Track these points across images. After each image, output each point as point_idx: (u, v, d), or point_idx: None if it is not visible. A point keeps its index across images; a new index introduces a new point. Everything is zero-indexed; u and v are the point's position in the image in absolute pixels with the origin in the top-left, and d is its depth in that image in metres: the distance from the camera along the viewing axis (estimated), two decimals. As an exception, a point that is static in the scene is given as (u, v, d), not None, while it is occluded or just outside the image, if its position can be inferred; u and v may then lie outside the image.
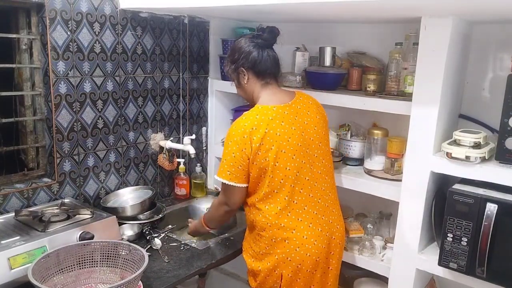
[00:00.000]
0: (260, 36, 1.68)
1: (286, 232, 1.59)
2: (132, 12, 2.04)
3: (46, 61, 1.79)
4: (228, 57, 1.75)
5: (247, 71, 1.68)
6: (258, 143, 1.56)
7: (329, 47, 2.03)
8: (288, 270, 1.60)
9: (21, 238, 1.52)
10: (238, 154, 1.57)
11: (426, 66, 1.59)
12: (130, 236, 1.88)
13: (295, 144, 1.60)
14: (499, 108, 1.50)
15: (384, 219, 2.03)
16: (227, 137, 1.62)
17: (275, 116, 1.60)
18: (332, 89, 2.03)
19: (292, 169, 1.59)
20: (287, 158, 1.58)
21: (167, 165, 2.29)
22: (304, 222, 1.61)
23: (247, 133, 1.56)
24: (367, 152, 1.98)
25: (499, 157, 1.51)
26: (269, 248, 1.61)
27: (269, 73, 1.69)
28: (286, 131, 1.60)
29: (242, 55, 1.66)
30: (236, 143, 1.58)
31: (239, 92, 1.79)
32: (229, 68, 1.74)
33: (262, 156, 1.57)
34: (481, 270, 1.48)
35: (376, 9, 1.56)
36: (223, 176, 1.61)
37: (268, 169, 1.57)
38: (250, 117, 1.60)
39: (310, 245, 1.60)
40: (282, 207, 1.59)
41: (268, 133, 1.56)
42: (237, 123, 1.61)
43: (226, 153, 1.61)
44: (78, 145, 1.95)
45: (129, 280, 1.33)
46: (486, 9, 1.44)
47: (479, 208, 1.46)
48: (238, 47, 1.69)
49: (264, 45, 1.67)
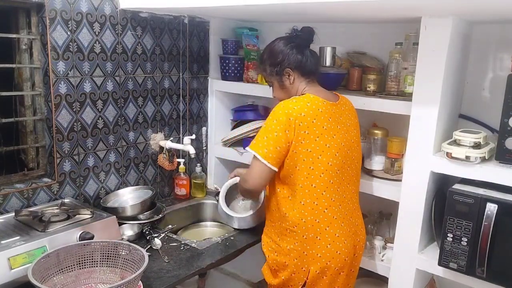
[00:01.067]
0: (298, 37, 1.69)
1: (320, 228, 1.59)
2: (132, 12, 2.04)
3: (46, 61, 1.79)
4: (266, 61, 1.72)
5: (293, 72, 1.67)
6: (303, 131, 1.53)
7: (329, 47, 2.03)
8: (317, 267, 1.59)
9: (21, 238, 1.52)
10: (281, 135, 1.53)
11: (426, 66, 1.59)
12: (130, 236, 1.88)
13: (339, 143, 1.61)
14: (499, 108, 1.50)
15: (384, 219, 2.03)
16: (272, 115, 1.57)
17: (324, 109, 1.59)
18: (332, 89, 2.02)
19: (334, 166, 1.59)
20: (330, 154, 1.58)
21: (167, 165, 2.29)
22: (338, 220, 1.62)
23: (293, 116, 1.53)
24: (367, 152, 1.98)
25: (499, 157, 1.51)
26: (298, 244, 1.60)
27: (313, 71, 1.70)
28: (332, 127, 1.60)
29: (287, 56, 1.65)
30: (281, 123, 1.53)
31: (279, 95, 1.74)
32: (270, 71, 1.71)
33: (305, 146, 1.54)
34: (481, 270, 1.48)
35: (376, 9, 1.56)
36: (259, 151, 1.55)
37: (308, 159, 1.55)
38: (300, 102, 1.57)
39: (341, 243, 1.61)
40: (318, 202, 1.58)
41: (315, 124, 1.55)
42: (286, 104, 1.57)
43: (268, 130, 1.55)
44: (78, 145, 1.95)
45: (129, 280, 1.33)
46: (486, 9, 1.44)
47: (479, 208, 1.47)
48: (279, 49, 1.67)
49: (304, 45, 1.69)
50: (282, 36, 1.74)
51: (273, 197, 1.68)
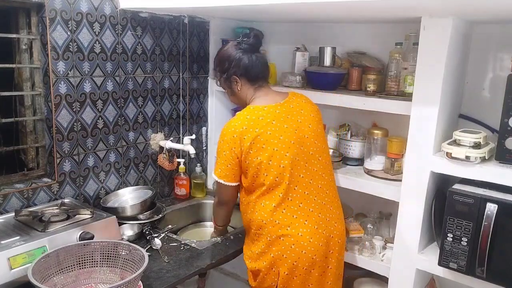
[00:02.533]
0: (245, 42, 1.70)
1: (281, 229, 1.60)
2: (132, 12, 2.04)
3: (46, 61, 1.79)
4: (217, 67, 1.78)
5: (240, 78, 1.71)
6: (249, 142, 1.60)
7: (329, 47, 2.03)
8: (285, 268, 1.60)
9: (21, 238, 1.52)
10: (228, 153, 1.64)
11: (426, 66, 1.59)
12: (130, 236, 1.88)
13: (287, 142, 1.62)
14: (499, 108, 1.50)
15: (384, 219, 2.03)
16: (220, 136, 1.68)
17: (265, 115, 1.64)
18: (332, 89, 2.03)
19: (286, 166, 1.61)
20: (280, 156, 1.60)
21: (167, 165, 2.29)
22: (299, 219, 1.61)
23: (237, 133, 1.61)
24: (367, 152, 1.98)
25: (499, 157, 1.51)
26: (265, 247, 1.63)
27: (261, 77, 1.73)
28: (277, 129, 1.62)
29: (233, 63, 1.69)
30: (227, 142, 1.63)
31: (233, 100, 1.84)
32: (220, 77, 1.77)
33: (254, 155, 1.60)
34: (481, 270, 1.48)
35: (376, 9, 1.56)
36: (216, 173, 1.70)
37: (261, 167, 1.60)
38: (241, 117, 1.65)
39: (305, 242, 1.60)
40: (276, 204, 1.61)
41: (258, 132, 1.60)
42: (229, 123, 1.66)
43: (218, 152, 1.68)
44: (78, 145, 1.95)
45: (129, 280, 1.33)
46: (486, 9, 1.44)
47: (479, 208, 1.46)
48: (226, 55, 1.71)
49: (251, 50, 1.71)
50: (231, 41, 1.78)
51: (242, 206, 1.74)
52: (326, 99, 1.93)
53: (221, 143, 1.66)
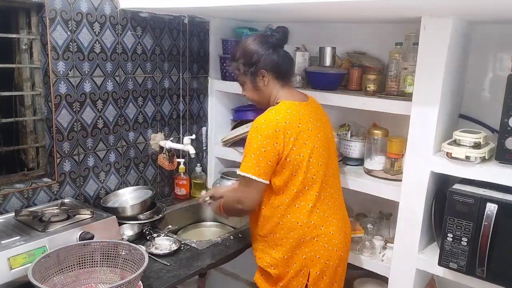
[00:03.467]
0: (273, 36, 1.64)
1: (316, 229, 1.58)
2: (132, 12, 2.04)
3: (46, 61, 1.79)
4: (239, 60, 1.66)
5: (268, 73, 1.63)
6: (293, 138, 1.53)
7: (329, 47, 2.03)
8: (317, 268, 1.58)
9: (21, 238, 1.52)
10: (269, 149, 1.51)
11: (426, 66, 1.59)
12: (130, 236, 1.88)
13: (322, 140, 1.63)
14: (499, 108, 1.50)
15: (384, 219, 2.03)
16: (255, 131, 1.53)
17: (303, 112, 1.61)
18: (332, 89, 2.03)
19: (323, 165, 1.61)
20: (319, 154, 1.60)
21: (167, 165, 2.29)
22: (329, 217, 1.62)
23: (280, 127, 1.51)
24: (367, 152, 1.98)
25: (499, 157, 1.51)
26: (296, 249, 1.58)
27: (289, 74, 1.70)
28: (314, 126, 1.61)
29: (263, 57, 1.61)
30: (268, 137, 1.51)
31: (252, 96, 1.71)
32: (244, 71, 1.66)
33: (297, 152, 1.54)
34: (481, 270, 1.48)
35: (376, 9, 1.56)
36: (252, 172, 1.52)
37: (303, 164, 1.55)
38: (281, 111, 1.56)
39: (336, 240, 1.61)
40: (313, 204, 1.58)
41: (301, 128, 1.56)
42: (267, 117, 1.54)
43: (254, 147, 1.52)
44: (78, 145, 1.95)
45: (129, 280, 1.33)
46: (486, 9, 1.44)
47: (479, 208, 1.46)
48: (254, 49, 1.62)
49: (279, 45, 1.65)
50: (256, 34, 1.71)
51: (265, 211, 1.62)
52: (326, 99, 1.93)
53: (260, 138, 1.51)
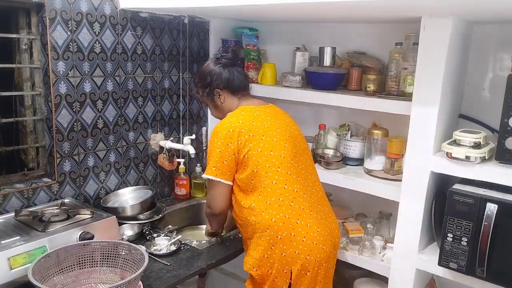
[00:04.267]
0: (224, 57, 1.78)
1: (291, 224, 1.57)
2: (132, 12, 2.04)
3: (46, 61, 1.79)
4: (198, 83, 1.82)
5: (222, 91, 1.76)
6: (247, 135, 1.61)
7: (329, 47, 2.03)
8: (298, 265, 1.56)
9: (21, 238, 1.52)
10: (224, 149, 1.61)
11: (426, 66, 1.59)
12: (130, 236, 1.88)
13: (284, 134, 1.67)
14: (499, 108, 1.50)
15: (384, 219, 2.03)
16: (212, 135, 1.66)
17: (259, 113, 1.69)
18: (332, 89, 2.03)
19: (287, 156, 1.63)
20: (280, 146, 1.63)
21: (167, 165, 2.29)
22: (306, 210, 1.60)
23: (233, 127, 1.62)
24: (367, 152, 1.98)
25: (499, 157, 1.51)
26: (273, 248, 1.56)
27: (242, 87, 1.79)
28: (272, 124, 1.67)
29: (215, 77, 1.75)
30: (222, 137, 1.61)
31: (215, 114, 1.86)
32: (202, 93, 1.80)
33: (255, 148, 1.60)
34: (481, 270, 1.48)
35: (376, 9, 1.56)
36: (209, 172, 1.63)
37: (262, 159, 1.60)
38: (235, 115, 1.68)
39: (314, 232, 1.59)
40: (283, 197, 1.58)
41: (256, 125, 1.63)
42: (222, 121, 1.67)
43: (211, 150, 1.65)
44: (78, 145, 1.95)
45: (129, 280, 1.33)
46: (486, 9, 1.44)
47: (479, 208, 1.46)
48: (207, 71, 1.77)
49: (229, 64, 1.78)
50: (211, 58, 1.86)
51: (239, 213, 1.65)
52: (326, 99, 1.94)
53: (215, 140, 1.63)
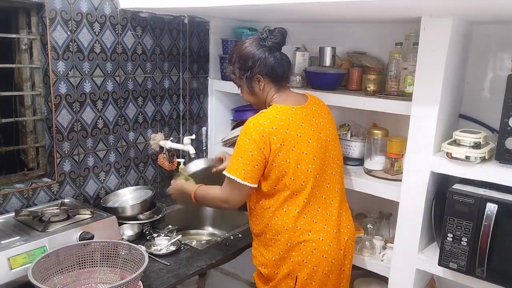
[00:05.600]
0: (270, 39, 1.59)
1: (303, 235, 1.56)
2: (132, 12, 2.04)
3: (46, 61, 1.79)
4: (235, 63, 1.64)
5: (264, 78, 1.60)
6: (279, 144, 1.51)
7: (329, 47, 2.03)
8: (304, 273, 1.57)
9: (21, 238, 1.52)
10: (256, 153, 1.50)
11: (426, 66, 1.59)
12: (130, 236, 1.88)
13: (315, 146, 1.58)
14: (499, 108, 1.50)
15: (384, 219, 2.03)
16: (244, 134, 1.53)
17: (294, 116, 1.56)
18: (332, 89, 2.03)
19: (313, 171, 1.57)
20: (308, 160, 1.55)
21: (167, 165, 2.29)
22: (319, 224, 1.59)
23: (266, 132, 1.50)
24: (367, 152, 1.98)
25: (499, 157, 1.51)
26: (283, 253, 1.57)
27: (285, 77, 1.65)
28: (306, 132, 1.57)
29: (258, 62, 1.57)
30: (254, 141, 1.50)
31: (249, 98, 1.70)
32: (239, 75, 1.63)
33: (283, 158, 1.52)
34: (481, 270, 1.48)
35: (376, 9, 1.56)
36: (237, 174, 1.51)
37: (289, 170, 1.53)
38: (269, 115, 1.54)
39: (326, 246, 1.58)
40: (300, 210, 1.56)
41: (289, 134, 1.52)
42: (255, 121, 1.53)
43: (242, 151, 1.51)
44: (78, 145, 1.95)
45: (129, 280, 1.33)
46: (486, 9, 1.44)
47: (479, 208, 1.46)
48: (250, 53, 1.58)
49: (275, 48, 1.60)
50: (252, 37, 1.65)
51: (256, 211, 1.64)
52: (326, 99, 1.93)
53: (247, 142, 1.50)
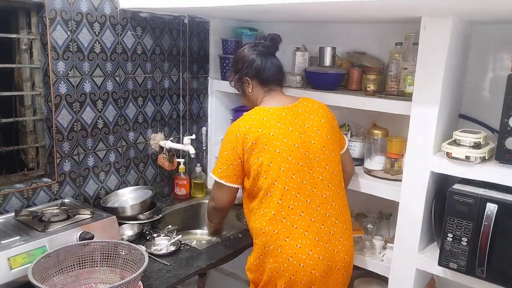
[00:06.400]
0: (261, 44, 1.70)
1: (279, 240, 1.52)
2: (132, 12, 2.04)
3: (46, 61, 1.79)
4: (231, 67, 1.79)
5: (251, 80, 1.70)
6: (251, 142, 1.57)
7: (329, 47, 2.03)
8: (281, 282, 1.52)
9: (21, 238, 1.52)
10: (230, 153, 1.61)
11: (426, 66, 1.59)
12: (130, 236, 1.88)
13: (291, 145, 1.56)
14: (499, 108, 1.50)
15: (384, 219, 2.03)
16: (224, 137, 1.66)
17: (270, 117, 1.61)
18: (332, 89, 2.03)
19: (287, 170, 1.54)
20: (281, 159, 1.54)
21: (167, 165, 2.29)
22: (299, 229, 1.52)
23: (240, 132, 1.59)
24: (367, 152, 1.98)
25: (499, 157, 1.51)
26: (262, 257, 1.56)
27: (272, 80, 1.71)
28: (281, 131, 1.57)
29: (246, 64, 1.69)
30: (229, 141, 1.61)
31: (244, 101, 1.82)
32: (233, 78, 1.76)
33: (256, 156, 1.57)
34: (481, 270, 1.48)
35: (376, 9, 1.56)
36: (215, 173, 1.66)
37: (262, 169, 1.55)
38: (245, 117, 1.64)
39: (303, 255, 1.51)
40: (275, 212, 1.53)
41: (261, 133, 1.57)
42: (234, 123, 1.65)
43: (220, 151, 1.66)
44: (78, 145, 1.95)
45: (129, 280, 1.33)
46: (486, 9, 1.44)
47: (479, 208, 1.46)
48: (241, 56, 1.72)
49: (266, 53, 1.70)
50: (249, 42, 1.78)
51: (246, 213, 1.70)
52: (326, 99, 1.93)
53: (224, 142, 1.64)
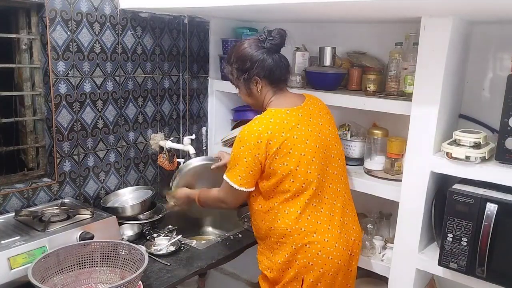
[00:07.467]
0: (269, 40, 1.58)
1: (307, 236, 1.54)
2: (132, 12, 2.04)
3: (46, 61, 1.79)
4: (233, 64, 1.63)
5: (262, 80, 1.60)
6: (275, 148, 1.51)
7: (329, 47, 2.03)
8: (310, 275, 1.55)
9: (21, 238, 1.52)
10: (251, 160, 1.52)
11: (426, 66, 1.59)
12: (130, 236, 1.88)
13: (313, 146, 1.56)
14: (499, 108, 1.50)
15: (384, 219, 2.03)
16: (239, 141, 1.55)
17: (290, 119, 1.55)
18: (332, 89, 2.03)
19: (313, 172, 1.55)
20: (307, 161, 1.54)
21: (167, 165, 2.29)
22: (323, 224, 1.57)
23: (261, 138, 1.51)
24: (367, 152, 1.98)
25: (499, 157, 1.51)
26: (289, 256, 1.56)
27: (283, 79, 1.64)
28: (303, 133, 1.55)
29: (256, 64, 1.57)
30: (249, 148, 1.52)
31: (247, 100, 1.71)
32: (237, 76, 1.64)
33: (281, 161, 1.52)
34: (481, 270, 1.48)
35: (376, 9, 1.56)
36: (234, 180, 1.56)
37: (288, 173, 1.52)
38: (263, 121, 1.54)
39: (331, 247, 1.56)
40: (301, 211, 1.55)
41: (285, 137, 1.52)
42: (250, 128, 1.54)
43: (237, 157, 1.54)
44: (78, 145, 1.95)
45: (129, 280, 1.33)
46: (486, 9, 1.44)
47: (479, 208, 1.46)
48: (248, 54, 1.58)
49: (274, 50, 1.59)
50: (251, 37, 1.63)
51: (257, 214, 1.64)
52: (326, 99, 1.93)
53: (242, 149, 1.53)
